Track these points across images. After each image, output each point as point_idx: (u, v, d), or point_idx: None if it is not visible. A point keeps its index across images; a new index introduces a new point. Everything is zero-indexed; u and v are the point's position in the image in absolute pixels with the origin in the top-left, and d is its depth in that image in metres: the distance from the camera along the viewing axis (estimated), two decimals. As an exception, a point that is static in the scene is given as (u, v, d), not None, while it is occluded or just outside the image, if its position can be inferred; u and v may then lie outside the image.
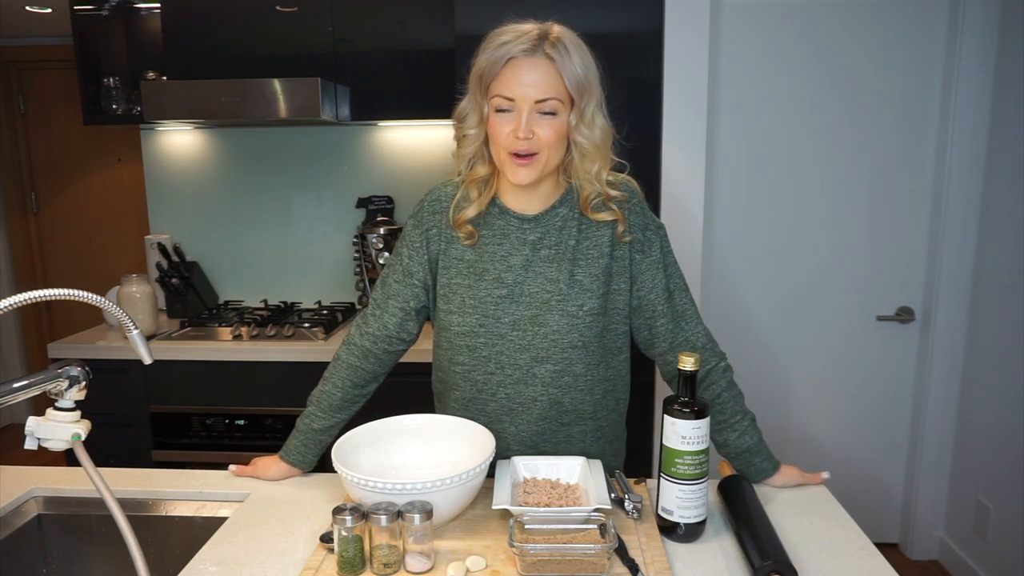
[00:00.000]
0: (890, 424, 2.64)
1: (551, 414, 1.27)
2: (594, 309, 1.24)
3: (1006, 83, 2.29)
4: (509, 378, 1.26)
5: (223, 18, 2.55)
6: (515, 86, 1.13)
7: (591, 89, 1.16)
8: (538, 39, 1.13)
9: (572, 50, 1.14)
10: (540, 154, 1.16)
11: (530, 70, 1.12)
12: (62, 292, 0.89)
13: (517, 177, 1.17)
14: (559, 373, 1.25)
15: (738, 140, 2.50)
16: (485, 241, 1.27)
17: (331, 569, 1.04)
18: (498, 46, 1.14)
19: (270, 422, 2.41)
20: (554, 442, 1.30)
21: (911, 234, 2.51)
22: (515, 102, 1.14)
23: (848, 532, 1.16)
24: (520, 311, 1.24)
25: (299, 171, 2.88)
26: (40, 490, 1.35)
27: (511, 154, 1.16)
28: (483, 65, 1.16)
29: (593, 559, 1.01)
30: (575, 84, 1.14)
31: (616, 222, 1.24)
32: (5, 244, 3.98)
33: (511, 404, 1.28)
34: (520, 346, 1.24)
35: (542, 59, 1.12)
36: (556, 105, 1.14)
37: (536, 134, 1.14)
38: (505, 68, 1.14)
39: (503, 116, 1.15)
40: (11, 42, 3.72)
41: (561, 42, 1.13)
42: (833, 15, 2.40)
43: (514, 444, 1.30)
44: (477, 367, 1.27)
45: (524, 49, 1.12)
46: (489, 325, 1.25)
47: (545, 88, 1.12)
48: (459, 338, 1.27)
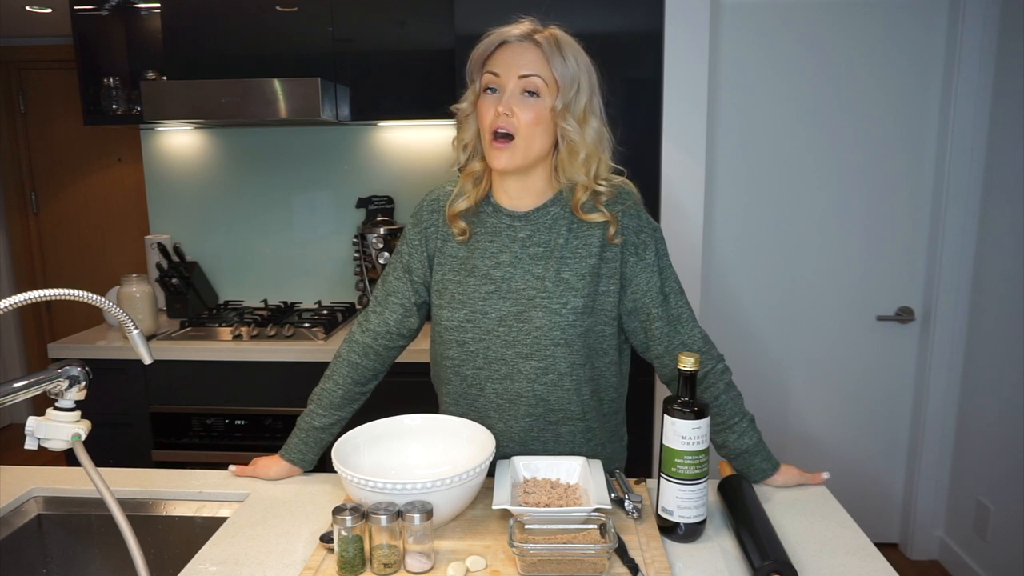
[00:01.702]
0: (890, 424, 2.64)
1: (538, 411, 1.28)
2: (578, 308, 1.24)
3: (1006, 83, 2.29)
4: (496, 373, 1.28)
5: (223, 18, 2.55)
6: (501, 63, 1.18)
7: (581, 85, 1.19)
8: (532, 30, 1.19)
9: (564, 45, 1.18)
10: (517, 139, 1.18)
11: (520, 51, 1.18)
12: (62, 292, 0.89)
13: (495, 162, 1.20)
14: (543, 370, 1.26)
15: (738, 140, 2.50)
16: (478, 238, 1.29)
17: (331, 569, 1.04)
18: (492, 36, 1.21)
19: (270, 422, 2.41)
20: (543, 441, 1.31)
21: (911, 234, 2.51)
22: (500, 77, 1.18)
23: (848, 532, 1.16)
24: (507, 307, 1.26)
25: (299, 171, 2.88)
26: (40, 490, 1.35)
27: (491, 136, 1.19)
28: (479, 50, 1.22)
29: (593, 559, 1.01)
30: (561, 72, 1.17)
31: (607, 224, 1.25)
32: (5, 244, 3.98)
33: (499, 400, 1.29)
34: (506, 342, 1.26)
35: (532, 44, 1.18)
36: (539, 84, 1.17)
37: (516, 114, 1.17)
38: (497, 50, 1.20)
39: (489, 97, 1.20)
40: (11, 42, 3.72)
41: (555, 36, 1.19)
42: (833, 16, 2.40)
43: (504, 441, 1.30)
44: (466, 362, 1.29)
45: (517, 35, 1.19)
46: (476, 320, 1.26)
47: (531, 65, 1.17)
48: (448, 332, 1.29)
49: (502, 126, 1.17)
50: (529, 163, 1.22)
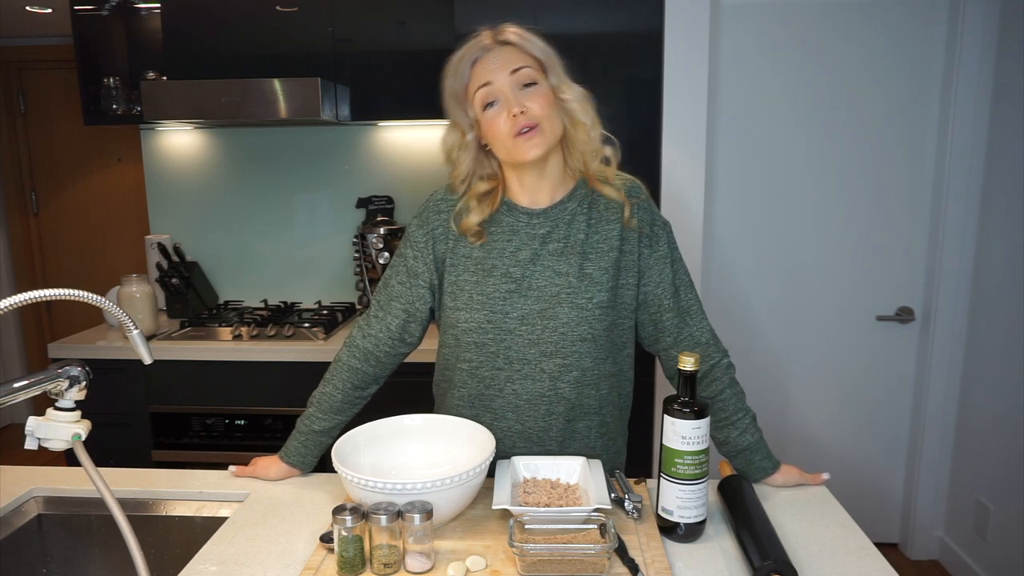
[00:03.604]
0: (890, 424, 2.64)
1: (558, 410, 1.28)
2: (603, 302, 1.24)
3: (1006, 83, 2.29)
4: (517, 373, 1.26)
5: (223, 18, 2.55)
6: (486, 73, 1.18)
7: (555, 61, 1.21)
8: (492, 37, 1.19)
9: (525, 33, 1.20)
10: (541, 124, 1.17)
11: (496, 55, 1.18)
12: (62, 292, 0.89)
13: (528, 154, 1.18)
14: (567, 367, 1.25)
15: (738, 140, 2.50)
16: (494, 238, 1.27)
17: (331, 569, 1.04)
18: (458, 61, 1.21)
19: (270, 422, 2.41)
20: (559, 439, 1.30)
21: (911, 234, 2.51)
22: (493, 85, 1.17)
23: (848, 532, 1.16)
24: (528, 305, 1.24)
25: (299, 171, 2.88)
26: (40, 490, 1.35)
27: (515, 135, 1.17)
28: (452, 84, 1.21)
29: (593, 559, 1.01)
30: (541, 52, 1.19)
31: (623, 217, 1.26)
32: (5, 244, 3.98)
33: (518, 400, 1.28)
34: (529, 340, 1.25)
35: (501, 46, 1.19)
36: (532, 74, 1.18)
37: (528, 107, 1.17)
38: (472, 71, 1.19)
39: (492, 111, 1.18)
40: (11, 42, 3.72)
41: (513, 32, 1.19)
42: (833, 16, 2.40)
43: (519, 441, 1.30)
44: (484, 363, 1.28)
45: (482, 47, 1.19)
46: (497, 321, 1.25)
47: (515, 60, 1.18)
48: (466, 335, 1.27)
49: (524, 124, 1.16)
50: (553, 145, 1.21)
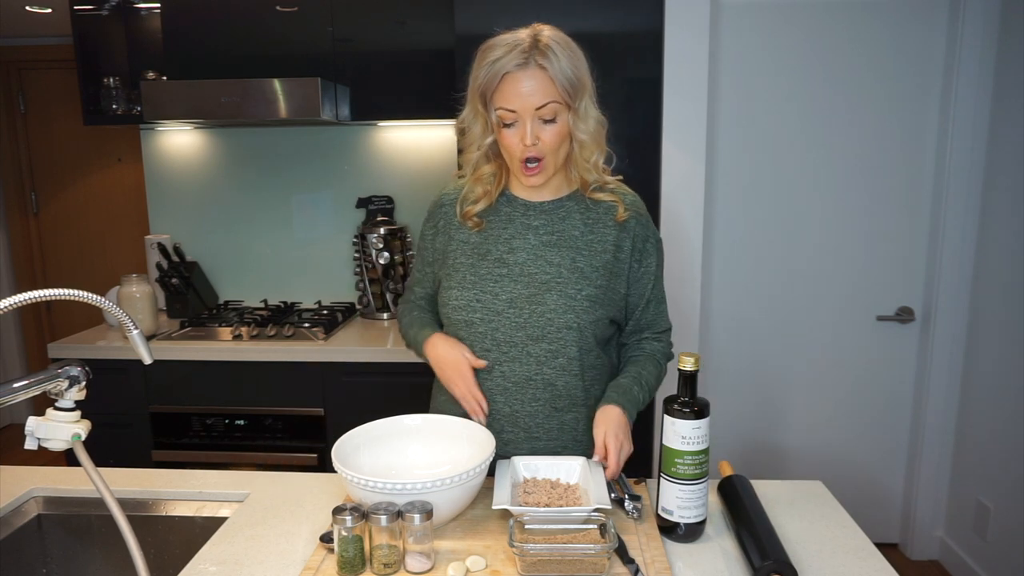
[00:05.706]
0: (890, 424, 2.64)
1: (544, 396, 1.31)
2: (592, 296, 1.29)
3: (1006, 83, 2.29)
4: (504, 356, 1.30)
5: (223, 18, 2.55)
6: (514, 98, 1.21)
7: (583, 86, 1.24)
8: (529, 50, 1.19)
9: (561, 54, 1.20)
10: (546, 158, 1.25)
11: (525, 81, 1.20)
12: (62, 292, 0.89)
13: (529, 182, 1.28)
14: (553, 353, 1.29)
15: (738, 140, 2.50)
16: (491, 226, 1.34)
17: (331, 569, 1.04)
18: (492, 62, 1.21)
19: (270, 422, 2.41)
20: (547, 428, 1.33)
21: (911, 234, 2.51)
22: (517, 113, 1.22)
23: (848, 532, 1.17)
24: (518, 289, 1.29)
25: (299, 171, 2.88)
26: (40, 490, 1.35)
27: (522, 162, 1.25)
28: (481, 81, 1.23)
29: (593, 559, 1.01)
30: (569, 85, 1.21)
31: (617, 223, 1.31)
32: (5, 244, 3.98)
33: (505, 383, 1.31)
34: (516, 324, 1.29)
35: (535, 69, 1.20)
36: (555, 109, 1.22)
37: (541, 139, 1.22)
38: (502, 83, 1.21)
39: (510, 129, 1.24)
40: (11, 42, 3.72)
41: (550, 48, 1.20)
42: (833, 15, 2.40)
43: (509, 427, 1.32)
44: (474, 344, 1.32)
45: (517, 63, 1.20)
46: (486, 301, 1.30)
47: (542, 94, 1.20)
48: (456, 312, 1.32)
49: (531, 155, 1.23)
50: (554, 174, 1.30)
